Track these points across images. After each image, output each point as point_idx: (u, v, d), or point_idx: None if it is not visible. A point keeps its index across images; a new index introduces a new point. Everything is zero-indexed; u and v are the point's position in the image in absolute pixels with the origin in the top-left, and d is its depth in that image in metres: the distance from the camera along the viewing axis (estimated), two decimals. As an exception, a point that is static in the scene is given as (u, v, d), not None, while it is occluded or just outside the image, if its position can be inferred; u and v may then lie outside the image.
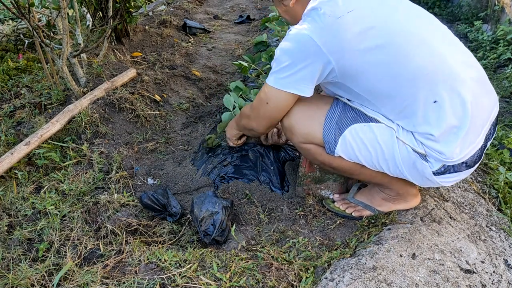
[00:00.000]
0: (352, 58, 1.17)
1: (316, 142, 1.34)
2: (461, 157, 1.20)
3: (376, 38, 1.15)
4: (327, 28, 1.17)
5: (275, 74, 1.27)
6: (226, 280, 1.21)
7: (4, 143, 2.12)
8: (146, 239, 1.48)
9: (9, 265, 1.39)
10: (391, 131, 1.24)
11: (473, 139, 1.20)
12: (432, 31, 1.22)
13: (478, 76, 1.21)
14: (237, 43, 3.76)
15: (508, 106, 2.83)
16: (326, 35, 1.17)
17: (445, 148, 1.18)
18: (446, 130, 1.17)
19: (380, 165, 1.29)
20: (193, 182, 1.83)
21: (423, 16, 1.26)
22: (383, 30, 1.16)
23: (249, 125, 1.49)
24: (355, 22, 1.16)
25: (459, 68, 1.17)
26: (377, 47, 1.15)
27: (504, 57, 3.53)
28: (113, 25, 2.63)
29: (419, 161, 1.23)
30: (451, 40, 1.24)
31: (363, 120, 1.27)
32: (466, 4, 4.81)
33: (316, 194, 1.63)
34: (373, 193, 1.49)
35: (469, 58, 1.24)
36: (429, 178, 1.25)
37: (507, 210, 1.65)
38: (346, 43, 1.16)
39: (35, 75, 2.94)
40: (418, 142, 1.22)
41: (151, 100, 2.48)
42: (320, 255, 1.33)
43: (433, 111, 1.17)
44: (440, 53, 1.17)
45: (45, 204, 1.65)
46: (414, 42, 1.16)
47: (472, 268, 1.24)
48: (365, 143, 1.27)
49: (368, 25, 1.16)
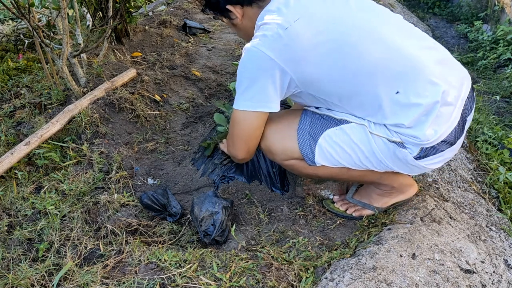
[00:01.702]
0: (307, 65, 1.18)
1: (296, 157, 1.35)
2: (437, 137, 1.19)
3: (327, 42, 1.16)
4: (277, 40, 1.16)
5: (239, 97, 1.26)
6: (226, 280, 1.21)
7: (4, 143, 2.12)
8: (146, 239, 1.48)
9: (9, 265, 1.39)
10: (363, 128, 1.25)
11: (446, 118, 1.19)
12: (385, 24, 1.21)
13: (440, 56, 1.22)
14: (237, 43, 3.76)
15: (508, 106, 2.83)
16: (277, 47, 1.16)
17: (418, 132, 1.18)
18: (415, 117, 1.17)
19: (364, 163, 1.29)
20: (193, 182, 1.83)
21: (374, 9, 1.26)
22: (333, 33, 1.16)
23: (230, 153, 1.44)
24: (304, 30, 1.16)
25: (419, 53, 1.17)
26: (329, 50, 1.16)
27: (504, 57, 3.53)
28: (113, 25, 2.63)
29: (398, 149, 1.23)
30: (405, 29, 1.24)
31: (334, 124, 1.28)
32: (466, 4, 4.81)
33: (316, 194, 1.63)
34: (369, 191, 1.50)
35: (426, 41, 1.24)
36: (414, 164, 1.25)
37: (507, 210, 1.65)
38: (298, 52, 1.16)
39: (35, 75, 2.94)
40: (392, 131, 1.23)
41: (151, 100, 2.48)
42: (320, 255, 1.33)
43: (398, 102, 1.18)
44: (396, 44, 1.17)
45: (45, 204, 1.65)
46: (367, 39, 1.17)
47: (472, 268, 1.24)
48: (342, 146, 1.27)
49: (317, 30, 1.16)
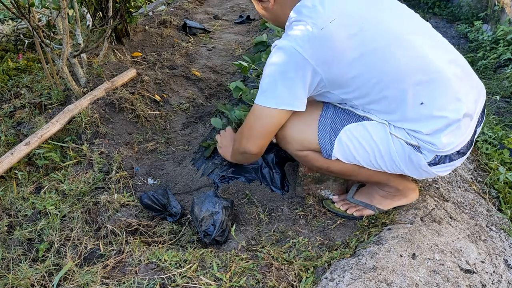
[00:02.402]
0: (339, 67, 1.17)
1: (312, 148, 1.34)
2: (453, 147, 1.22)
3: (360, 45, 1.16)
4: (312, 40, 1.15)
5: (265, 93, 1.24)
6: (226, 280, 1.21)
7: (4, 143, 2.12)
8: (146, 239, 1.48)
9: (9, 265, 1.39)
10: (384, 127, 1.25)
11: (463, 131, 1.22)
12: (416, 31, 1.22)
13: (462, 72, 1.23)
14: (237, 43, 3.76)
15: (508, 106, 2.83)
16: (312, 47, 1.16)
17: (436, 140, 1.20)
18: (435, 128, 1.19)
19: (378, 163, 1.30)
20: (193, 182, 1.83)
21: (406, 15, 1.26)
22: (366, 36, 1.16)
23: (241, 147, 1.37)
24: (339, 32, 1.15)
25: (445, 67, 1.18)
26: (361, 54, 1.16)
27: (504, 57, 3.53)
28: (113, 25, 2.63)
29: (414, 153, 1.24)
30: (433, 38, 1.24)
31: (356, 120, 1.28)
32: (466, 4, 4.81)
33: (316, 194, 1.63)
34: (372, 192, 1.49)
35: (451, 54, 1.24)
36: (425, 170, 1.26)
37: (507, 210, 1.65)
38: (332, 53, 1.16)
39: (35, 75, 2.94)
40: (410, 135, 1.24)
41: (151, 100, 2.48)
42: (320, 255, 1.33)
43: (420, 112, 1.19)
44: (424, 54, 1.18)
45: (45, 204, 1.65)
46: (399, 45, 1.17)
47: (472, 268, 1.24)
48: (361, 142, 1.27)
49: (351, 32, 1.15)
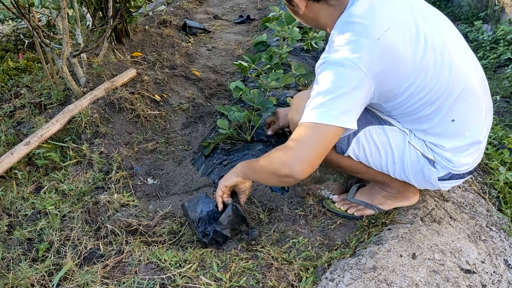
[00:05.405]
0: (392, 79, 1.11)
1: None
2: (468, 167, 1.25)
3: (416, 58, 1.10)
4: (370, 52, 1.06)
5: (319, 108, 1.09)
6: (226, 280, 1.21)
7: (4, 143, 2.12)
8: (146, 239, 1.48)
9: (9, 265, 1.38)
10: (404, 134, 1.25)
11: (480, 151, 1.25)
12: (455, 45, 1.17)
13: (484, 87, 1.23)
14: (237, 43, 3.76)
15: (508, 106, 2.82)
16: (370, 60, 1.06)
17: (455, 158, 1.21)
18: (457, 146, 1.20)
19: (387, 168, 1.30)
20: (193, 182, 1.83)
21: (446, 26, 1.20)
22: (419, 49, 1.10)
23: (285, 170, 1.16)
24: (394, 41, 1.07)
25: (478, 86, 1.18)
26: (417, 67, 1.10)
27: (504, 57, 3.53)
28: (113, 25, 2.63)
29: (427, 167, 1.24)
30: (467, 52, 1.21)
31: (377, 123, 1.28)
32: (466, 4, 4.80)
33: (316, 194, 1.63)
34: (374, 192, 1.49)
35: (480, 70, 1.22)
36: (434, 184, 1.28)
37: (507, 210, 1.65)
38: (388, 64, 1.08)
39: (35, 75, 2.94)
40: (429, 148, 1.24)
41: (151, 100, 2.48)
42: (320, 255, 1.33)
43: (448, 128, 1.19)
44: (463, 70, 1.15)
45: (45, 204, 1.65)
46: (442, 61, 1.12)
47: (472, 268, 1.24)
48: (378, 145, 1.27)
49: (403, 40, 1.09)
